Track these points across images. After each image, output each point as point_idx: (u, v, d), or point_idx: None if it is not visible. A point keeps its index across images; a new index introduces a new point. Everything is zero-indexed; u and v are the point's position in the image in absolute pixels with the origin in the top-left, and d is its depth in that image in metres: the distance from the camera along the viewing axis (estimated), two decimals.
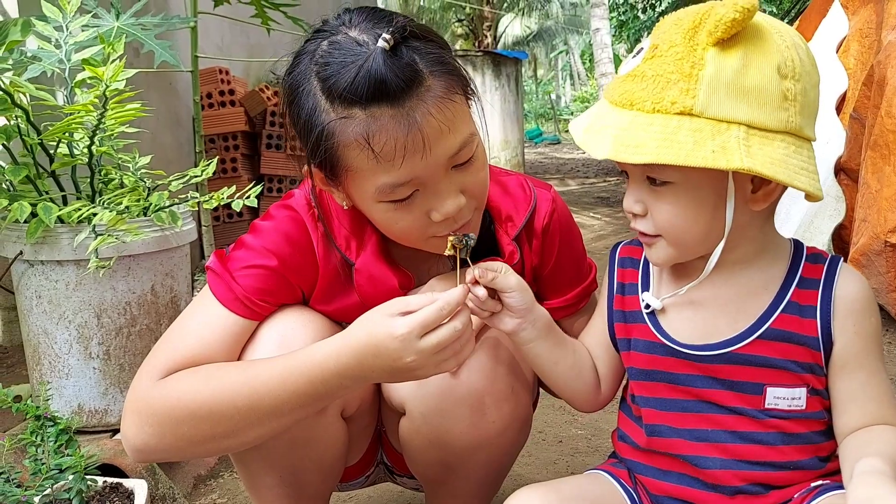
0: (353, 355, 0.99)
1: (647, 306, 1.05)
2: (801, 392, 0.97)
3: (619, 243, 1.15)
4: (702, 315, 1.02)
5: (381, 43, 0.95)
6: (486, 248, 1.20)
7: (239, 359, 1.12)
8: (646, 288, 1.08)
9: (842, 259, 1.01)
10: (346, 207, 1.10)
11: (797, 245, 1.03)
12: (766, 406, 0.98)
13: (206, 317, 1.12)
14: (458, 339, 0.98)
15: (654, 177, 0.95)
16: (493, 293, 1.04)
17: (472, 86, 1.07)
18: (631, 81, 0.94)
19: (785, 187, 0.94)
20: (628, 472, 1.08)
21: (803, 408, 0.98)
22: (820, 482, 0.97)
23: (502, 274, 1.03)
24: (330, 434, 1.18)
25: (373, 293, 1.14)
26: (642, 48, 0.96)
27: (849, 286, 0.98)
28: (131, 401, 1.08)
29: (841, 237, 3.14)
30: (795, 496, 0.97)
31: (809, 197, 0.93)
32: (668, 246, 0.98)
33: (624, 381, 1.15)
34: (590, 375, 1.13)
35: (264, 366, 1.05)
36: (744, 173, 0.90)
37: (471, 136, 1.04)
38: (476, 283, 1.02)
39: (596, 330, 1.15)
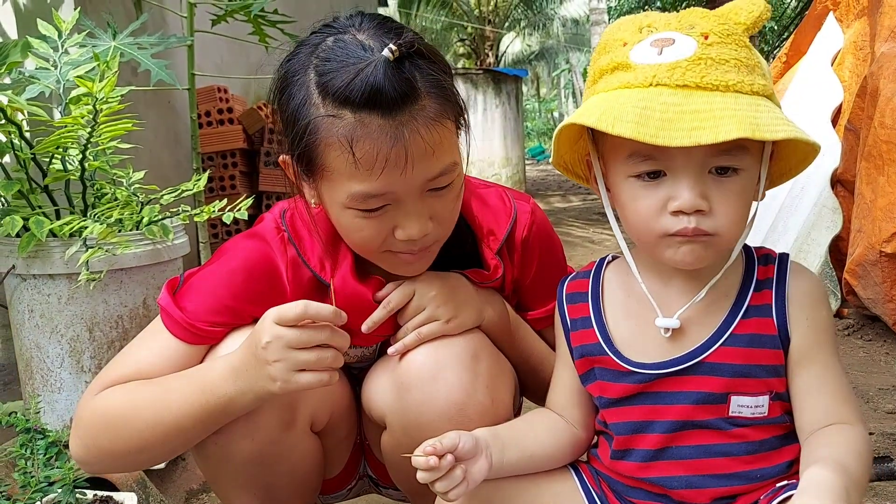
0: (238, 352, 1.04)
1: (667, 330, 0.99)
2: (765, 400, 0.97)
3: (563, 280, 1.13)
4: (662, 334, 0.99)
5: (385, 52, 0.95)
6: (470, 262, 1.20)
7: None
8: (599, 318, 1.05)
9: (789, 256, 1.02)
10: (313, 205, 1.10)
11: (747, 249, 1.03)
12: (730, 414, 0.96)
13: (150, 342, 1.14)
14: (316, 345, 0.99)
15: (731, 165, 0.91)
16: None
17: (465, 116, 1.07)
18: (705, 66, 0.89)
19: None
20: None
21: (766, 415, 0.97)
22: (784, 482, 0.96)
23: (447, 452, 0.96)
24: (300, 450, 1.18)
25: (351, 313, 1.14)
26: (672, 39, 0.91)
27: (800, 281, 0.99)
28: (74, 415, 1.12)
29: (839, 248, 3.14)
30: (762, 498, 0.96)
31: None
32: (717, 244, 0.93)
33: None
34: (565, 435, 1.10)
35: (174, 379, 1.09)
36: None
37: (452, 165, 1.04)
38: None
39: (562, 378, 1.12)
